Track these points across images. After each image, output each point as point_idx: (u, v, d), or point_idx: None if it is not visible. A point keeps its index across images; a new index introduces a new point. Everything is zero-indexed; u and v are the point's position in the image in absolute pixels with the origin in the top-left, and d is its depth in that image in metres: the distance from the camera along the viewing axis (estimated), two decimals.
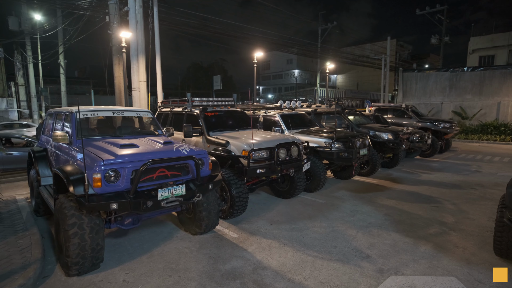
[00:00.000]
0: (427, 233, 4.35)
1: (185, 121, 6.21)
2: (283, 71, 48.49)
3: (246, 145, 4.83)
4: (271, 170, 4.82)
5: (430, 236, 4.26)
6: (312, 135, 6.62)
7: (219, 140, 5.18)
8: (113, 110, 4.48)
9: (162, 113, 7.14)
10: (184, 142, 6.05)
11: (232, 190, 4.73)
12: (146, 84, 8.56)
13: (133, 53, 8.39)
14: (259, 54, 16.29)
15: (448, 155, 11.34)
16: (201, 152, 3.90)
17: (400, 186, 6.93)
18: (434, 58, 48.64)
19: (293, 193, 5.89)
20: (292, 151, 5.12)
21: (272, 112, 7.43)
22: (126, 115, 4.74)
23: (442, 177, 7.79)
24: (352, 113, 9.10)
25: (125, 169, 3.19)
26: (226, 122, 6.17)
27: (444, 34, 27.92)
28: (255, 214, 5.25)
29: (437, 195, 6.22)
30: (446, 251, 3.83)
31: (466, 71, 17.71)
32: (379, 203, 5.74)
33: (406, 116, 11.76)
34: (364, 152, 6.53)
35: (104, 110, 4.45)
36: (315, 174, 6.19)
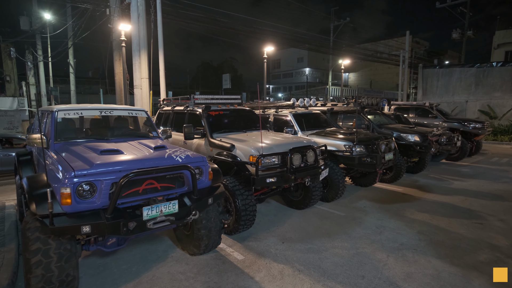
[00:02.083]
0: (477, 261, 3.54)
1: (187, 121, 5.57)
2: (293, 69, 47.59)
3: (254, 149, 4.13)
4: (283, 179, 4.11)
5: (482, 265, 3.45)
6: (329, 137, 5.86)
7: (223, 143, 4.50)
8: (100, 109, 3.86)
9: (163, 113, 6.53)
10: (185, 144, 5.41)
11: (237, 201, 4.05)
12: (148, 81, 7.99)
13: (134, 48, 7.83)
14: (270, 49, 15.48)
15: (478, 159, 10.32)
16: (199, 159, 3.23)
17: (431, 196, 6.08)
18: (452, 55, 46.69)
19: (308, 204, 5.15)
20: (307, 157, 4.38)
21: (284, 111, 6.70)
22: (117, 114, 4.12)
23: (478, 186, 6.87)
24: (372, 112, 8.26)
25: (102, 181, 2.55)
26: (233, 122, 5.49)
27: (467, 28, 26.37)
28: (264, 228, 4.55)
29: (477, 208, 5.35)
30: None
31: (495, 67, 16.44)
32: (409, 218, 4.93)
33: (431, 116, 10.77)
34: (389, 157, 5.72)
35: (89, 109, 3.84)
36: (333, 182, 5.44)
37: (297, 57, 46.40)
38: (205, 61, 52.00)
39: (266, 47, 15.22)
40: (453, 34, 28.24)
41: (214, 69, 46.38)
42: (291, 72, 48.19)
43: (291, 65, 47.72)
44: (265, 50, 15.23)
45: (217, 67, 47.64)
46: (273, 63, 51.19)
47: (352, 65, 47.23)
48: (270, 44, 15.71)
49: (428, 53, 45.30)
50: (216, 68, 46.44)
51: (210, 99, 5.62)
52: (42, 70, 18.01)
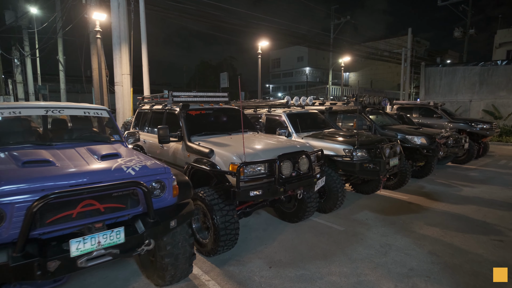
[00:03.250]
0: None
1: (165, 121, 4.92)
2: (293, 69, 46.97)
3: (235, 156, 3.47)
4: (270, 192, 3.45)
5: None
6: (327, 140, 5.21)
7: (201, 148, 3.84)
8: (46, 107, 3.19)
9: (142, 112, 5.87)
10: (162, 149, 4.76)
11: (215, 218, 3.39)
12: (130, 77, 7.32)
13: (115, 42, 7.16)
14: (264, 44, 14.74)
15: (485, 162, 9.67)
16: (160, 170, 2.57)
17: (440, 205, 5.43)
18: (452, 54, 46.11)
19: (302, 217, 4.50)
20: (300, 164, 3.72)
21: (277, 111, 6.04)
22: (68, 114, 3.44)
23: (491, 193, 6.22)
24: (374, 112, 7.60)
25: (13, 205, 1.88)
26: (217, 123, 4.84)
27: (469, 26, 25.74)
28: (250, 247, 3.90)
29: (494, 221, 4.70)
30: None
31: (499, 65, 15.79)
32: (418, 233, 4.27)
33: (435, 116, 10.13)
34: (395, 163, 5.07)
35: (30, 107, 3.17)
36: (331, 191, 4.78)
37: (297, 56, 45.78)
38: (204, 60, 51.39)
39: (260, 40, 14.47)
40: (455, 32, 27.68)
41: (213, 68, 45.74)
42: (291, 71, 47.57)
43: (291, 64, 47.09)
44: (259, 45, 14.49)
45: (216, 66, 47.04)
46: (273, 62, 50.58)
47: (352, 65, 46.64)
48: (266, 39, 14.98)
49: (428, 53, 44.74)
50: (215, 67, 45.79)
51: (193, 97, 4.96)
52: (29, 67, 17.31)
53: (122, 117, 7.36)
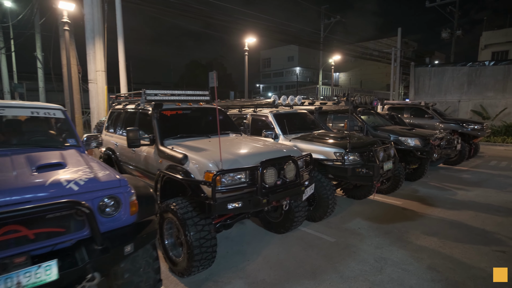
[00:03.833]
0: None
1: (138, 122, 4.43)
2: (284, 68, 46.75)
3: (212, 163, 3.03)
4: (251, 204, 3.02)
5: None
6: (316, 142, 4.81)
7: (174, 153, 3.37)
8: None
9: (115, 112, 5.35)
10: (134, 154, 4.27)
11: (188, 234, 2.94)
12: (105, 74, 6.78)
13: (88, 35, 6.61)
14: (251, 41, 14.23)
15: (476, 163, 9.50)
16: (113, 183, 2.11)
17: (436, 211, 5.11)
18: (438, 56, 46.83)
19: (290, 227, 4.09)
20: (286, 171, 3.30)
21: (263, 111, 5.62)
22: (11, 114, 2.93)
23: (486, 196, 5.96)
24: (365, 112, 7.28)
25: None
26: (195, 124, 4.38)
27: (456, 28, 25.96)
28: (230, 264, 3.46)
29: (493, 228, 4.40)
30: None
31: (487, 66, 15.81)
32: (415, 244, 3.92)
33: (427, 116, 9.91)
34: (388, 166, 4.72)
35: None
36: (321, 198, 4.39)
37: (288, 56, 45.59)
38: (194, 59, 50.68)
39: (247, 38, 13.97)
40: (442, 33, 27.85)
41: (203, 67, 45.16)
42: (282, 71, 47.35)
43: (282, 64, 46.86)
44: (246, 42, 13.99)
45: (205, 65, 46.50)
46: (263, 62, 50.28)
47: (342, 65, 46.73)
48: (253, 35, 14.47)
49: (416, 54, 45.29)
50: (205, 66, 45.22)
51: (170, 95, 4.49)
52: (4, 64, 16.37)
53: (97, 117, 6.81)
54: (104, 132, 5.55)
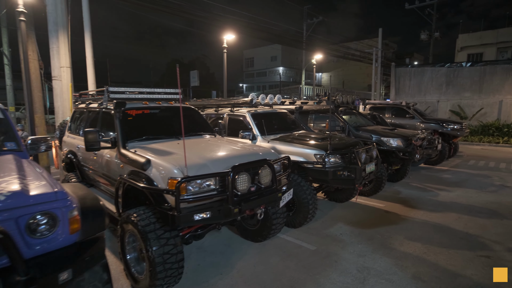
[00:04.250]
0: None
1: (101, 123, 4.02)
2: (267, 68, 46.63)
3: (177, 168, 2.69)
4: (222, 213, 2.70)
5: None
6: (296, 143, 4.55)
7: (136, 157, 3.01)
8: None
9: (77, 111, 4.90)
10: (95, 158, 3.86)
11: (150, 249, 2.59)
12: (70, 71, 6.26)
13: (51, 28, 6.07)
14: (230, 37, 13.77)
15: (455, 162, 9.58)
16: (47, 197, 1.74)
17: (419, 214, 4.97)
18: (417, 57, 48.21)
19: (267, 235, 3.80)
20: (261, 176, 3.01)
21: (241, 110, 5.31)
22: None
23: (467, 197, 5.91)
24: (347, 112, 7.11)
25: None
26: (164, 125, 4.01)
27: (434, 30, 26.64)
28: (201, 279, 3.14)
29: (476, 231, 4.28)
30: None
31: (464, 67, 16.19)
32: (399, 251, 3.73)
33: (408, 116, 9.92)
34: (371, 169, 4.52)
35: None
36: (301, 203, 4.13)
37: (271, 55, 45.48)
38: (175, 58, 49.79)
39: (226, 35, 13.55)
40: (421, 35, 28.53)
41: (185, 66, 44.43)
42: (265, 71, 47.17)
43: (265, 64, 46.70)
44: (224, 38, 13.55)
45: (188, 64, 45.82)
46: (246, 61, 49.96)
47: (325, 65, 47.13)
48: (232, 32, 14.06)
49: (396, 55, 46.38)
50: (187, 66, 44.50)
51: (137, 93, 4.10)
52: None
53: (62, 117, 6.28)
54: (67, 133, 5.08)
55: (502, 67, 15.09)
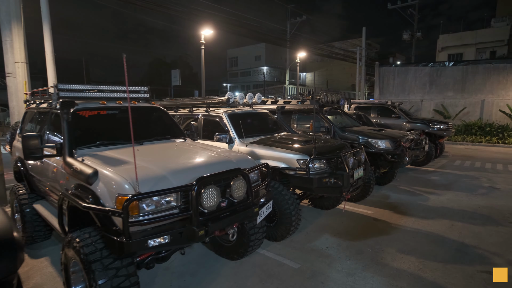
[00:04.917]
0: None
1: (50, 126, 3.44)
2: (251, 68, 46.24)
3: (127, 183, 2.18)
4: (183, 237, 2.21)
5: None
6: (277, 147, 4.10)
7: (82, 167, 2.46)
8: None
9: (28, 112, 4.28)
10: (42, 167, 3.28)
11: (94, 284, 2.07)
12: (26, 66, 5.59)
13: (3, 19, 5.39)
14: (208, 33, 13.24)
15: (442, 163, 9.43)
16: None
17: (410, 222, 4.63)
18: (399, 57, 49.13)
19: (245, 253, 3.34)
20: (233, 189, 2.54)
21: (217, 111, 4.82)
22: None
23: (458, 201, 5.65)
24: (332, 112, 6.74)
25: None
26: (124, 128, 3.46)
27: (416, 30, 26.96)
28: None
29: (472, 241, 3.97)
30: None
31: (447, 66, 16.28)
32: (392, 267, 3.34)
33: (394, 116, 9.71)
34: (359, 174, 4.13)
35: None
36: (283, 215, 3.69)
37: (255, 55, 45.12)
38: (158, 57, 48.73)
39: (203, 30, 12.97)
40: (403, 35, 28.82)
41: (168, 65, 43.50)
42: (249, 70, 46.76)
43: (249, 63, 46.28)
44: (202, 34, 12.95)
45: (171, 63, 44.94)
46: (230, 61, 49.38)
47: (309, 65, 47.18)
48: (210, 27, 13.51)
49: (379, 55, 47.07)
50: (169, 65, 43.58)
51: (96, 91, 3.54)
52: None
53: (18, 118, 5.60)
54: (17, 137, 4.44)
55: (484, 67, 15.25)
